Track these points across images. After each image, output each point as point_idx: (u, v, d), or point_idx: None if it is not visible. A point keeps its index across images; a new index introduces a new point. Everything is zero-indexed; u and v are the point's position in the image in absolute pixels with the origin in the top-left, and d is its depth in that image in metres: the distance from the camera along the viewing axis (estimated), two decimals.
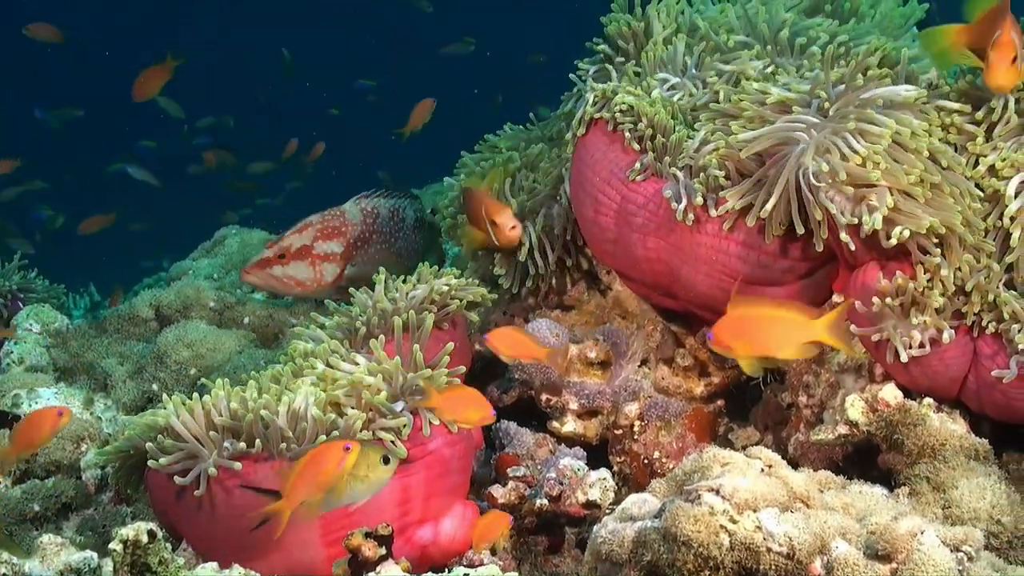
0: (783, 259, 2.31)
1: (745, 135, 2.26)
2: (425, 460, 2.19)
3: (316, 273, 3.26)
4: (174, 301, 3.31)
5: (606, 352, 2.62)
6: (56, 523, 2.50)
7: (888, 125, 2.12)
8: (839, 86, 2.24)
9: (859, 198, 2.11)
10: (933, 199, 2.10)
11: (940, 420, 2.10)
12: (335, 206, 3.32)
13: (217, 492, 2.11)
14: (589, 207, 2.55)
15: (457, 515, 2.26)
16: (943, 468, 2.01)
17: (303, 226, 3.28)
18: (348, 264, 3.26)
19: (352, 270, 3.27)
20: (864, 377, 2.28)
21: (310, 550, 2.14)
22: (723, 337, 2.00)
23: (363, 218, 3.30)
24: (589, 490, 2.32)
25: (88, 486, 2.56)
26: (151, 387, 3.04)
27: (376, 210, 3.32)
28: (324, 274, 3.27)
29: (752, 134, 2.25)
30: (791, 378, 2.44)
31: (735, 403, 2.66)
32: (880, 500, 1.87)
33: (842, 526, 1.67)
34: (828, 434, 2.24)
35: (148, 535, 1.64)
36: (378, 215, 3.32)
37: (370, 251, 3.29)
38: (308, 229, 3.28)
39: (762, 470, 1.74)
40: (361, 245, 3.28)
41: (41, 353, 3.18)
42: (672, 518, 1.66)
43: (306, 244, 3.26)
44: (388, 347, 2.35)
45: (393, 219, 3.33)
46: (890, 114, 2.16)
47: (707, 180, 2.30)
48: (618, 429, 2.55)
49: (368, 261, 3.27)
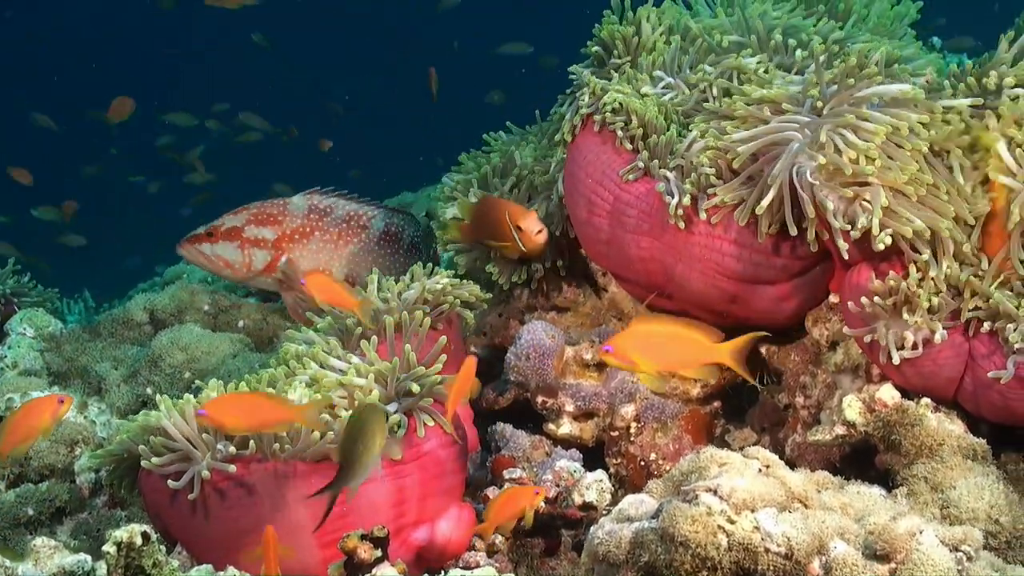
0: (777, 257, 2.31)
1: (738, 134, 2.25)
2: (420, 461, 2.18)
3: (245, 257, 3.24)
4: (168, 305, 3.30)
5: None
6: (50, 527, 2.49)
7: (883, 121, 2.12)
8: (832, 86, 2.23)
9: (852, 197, 2.10)
10: (926, 198, 2.10)
11: (938, 420, 2.10)
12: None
13: (211, 494, 2.10)
14: (582, 208, 2.54)
15: (453, 517, 2.24)
16: (941, 468, 2.01)
17: (241, 208, 3.26)
18: (283, 255, 3.24)
19: (286, 263, 3.24)
20: (861, 378, 2.28)
21: (305, 552, 2.13)
22: (624, 350, 2.06)
23: (307, 212, 3.26)
24: (586, 492, 2.31)
25: (82, 490, 2.55)
26: (145, 391, 3.03)
27: (329, 208, 3.28)
28: (254, 260, 3.25)
29: (746, 134, 2.25)
30: (788, 379, 2.43)
31: (732, 405, 2.65)
32: (878, 500, 1.86)
33: (840, 526, 1.66)
34: (825, 435, 2.23)
35: (142, 537, 1.63)
36: (328, 214, 3.28)
37: (311, 247, 3.25)
38: (243, 212, 3.26)
39: (760, 470, 1.73)
40: (299, 239, 3.24)
41: (35, 357, 3.16)
42: (669, 519, 1.66)
43: (237, 226, 3.25)
44: (382, 348, 2.34)
45: (350, 223, 3.28)
46: (886, 111, 2.16)
47: (699, 180, 2.29)
48: (614, 431, 2.54)
49: (309, 257, 3.24)
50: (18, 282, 3.54)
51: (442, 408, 2.23)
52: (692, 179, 2.31)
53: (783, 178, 2.17)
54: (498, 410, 2.70)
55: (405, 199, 4.63)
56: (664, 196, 2.33)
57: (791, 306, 2.39)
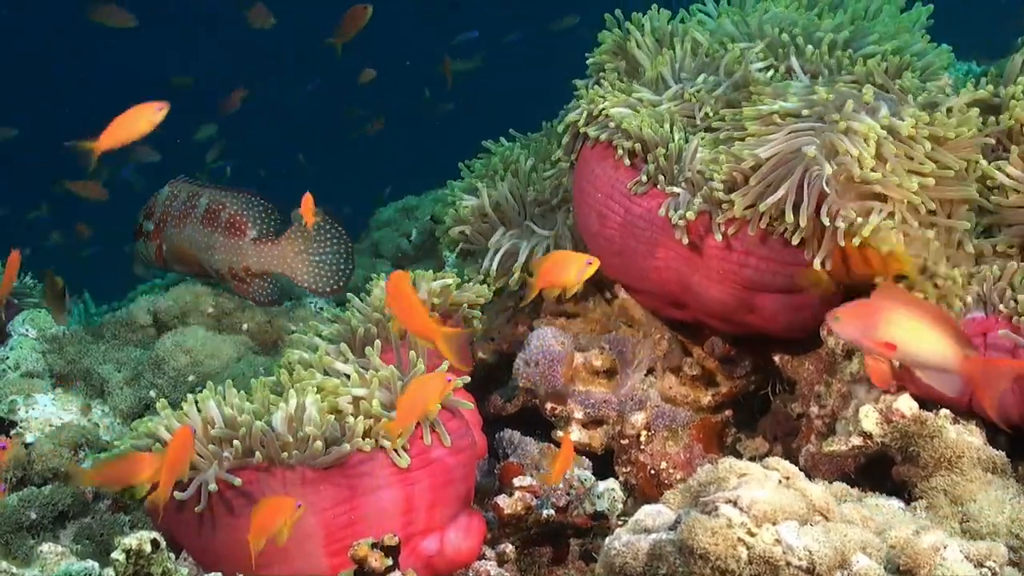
0: (796, 266, 2.29)
1: (750, 146, 2.25)
2: (428, 469, 2.16)
3: (150, 250, 3.31)
4: (172, 307, 3.27)
5: (612, 361, 2.59)
6: (53, 531, 2.45)
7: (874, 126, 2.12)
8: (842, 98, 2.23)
9: (866, 210, 2.10)
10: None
11: (957, 432, 2.07)
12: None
13: (217, 503, 2.07)
14: (593, 220, 2.53)
15: (462, 526, 2.22)
16: (960, 481, 1.98)
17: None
18: (162, 243, 3.29)
19: (166, 251, 3.29)
20: (877, 388, 2.25)
21: (313, 560, 2.10)
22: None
23: (166, 199, 3.30)
24: (597, 501, 2.28)
25: (86, 494, 2.51)
26: (148, 394, 3.00)
27: (177, 195, 3.30)
28: (151, 252, 3.32)
29: (758, 147, 2.24)
30: (802, 388, 2.41)
31: (743, 413, 2.63)
32: (898, 513, 1.84)
33: (863, 540, 1.63)
34: (841, 445, 2.20)
35: (152, 545, 1.61)
36: (176, 199, 3.29)
37: (165, 233, 3.28)
38: (143, 209, 3.33)
39: (780, 482, 1.70)
40: (162, 227, 3.28)
41: (37, 358, 3.13)
42: (688, 530, 1.62)
43: (137, 222, 3.33)
44: (389, 354, 2.32)
45: (188, 205, 3.28)
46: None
47: (710, 194, 2.28)
48: (624, 439, 2.51)
49: (168, 244, 3.28)
50: (20, 282, 3.51)
51: (449, 415, 2.21)
52: (704, 192, 2.29)
53: (794, 182, 2.16)
54: (506, 416, 2.68)
55: (409, 203, 4.62)
56: (670, 212, 2.31)
57: (809, 315, 2.36)
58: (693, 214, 2.29)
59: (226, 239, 3.21)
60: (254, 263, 3.20)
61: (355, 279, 3.77)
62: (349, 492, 2.09)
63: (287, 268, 3.20)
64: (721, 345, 2.60)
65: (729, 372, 2.61)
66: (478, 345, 2.87)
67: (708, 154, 2.34)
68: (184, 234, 3.26)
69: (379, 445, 2.11)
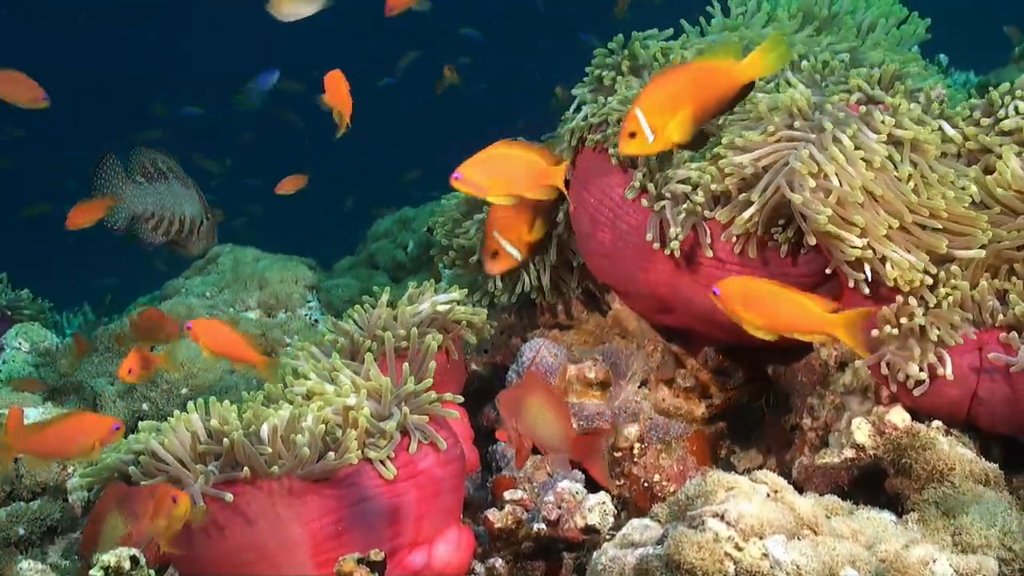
0: (784, 275, 2.27)
1: (738, 158, 2.24)
2: (416, 480, 2.14)
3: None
4: None
5: (605, 372, 2.57)
6: (41, 547, 2.44)
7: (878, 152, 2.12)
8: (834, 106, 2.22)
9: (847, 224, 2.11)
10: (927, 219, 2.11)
11: (949, 444, 2.05)
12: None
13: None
14: (586, 222, 2.53)
15: (452, 540, 2.20)
16: (952, 493, 1.96)
17: None
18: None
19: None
20: (870, 399, 2.23)
21: (300, 571, 2.08)
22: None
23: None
24: (588, 514, 2.26)
25: (75, 509, 2.50)
26: (142, 407, 2.99)
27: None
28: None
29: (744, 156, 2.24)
30: (795, 400, 2.39)
31: (737, 425, 2.61)
32: (889, 527, 1.81)
33: (851, 554, 1.61)
34: (834, 457, 2.19)
35: (131, 561, 1.59)
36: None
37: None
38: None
39: (768, 495, 1.68)
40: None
41: (29, 372, 3.12)
42: (675, 545, 1.61)
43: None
44: (386, 365, 2.31)
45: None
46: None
47: (693, 208, 2.27)
48: (618, 451, 2.50)
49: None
50: (14, 295, 3.50)
51: (437, 425, 2.20)
52: (687, 207, 2.29)
53: (766, 196, 2.18)
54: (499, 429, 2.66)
55: (406, 214, 4.61)
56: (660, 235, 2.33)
57: None
58: (675, 234, 2.30)
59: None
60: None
61: (351, 291, 3.77)
62: (336, 503, 2.07)
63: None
64: (715, 356, 2.59)
65: (723, 384, 2.60)
66: (472, 358, 2.86)
67: (697, 164, 2.33)
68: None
69: (366, 456, 2.10)
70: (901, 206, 2.11)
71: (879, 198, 2.12)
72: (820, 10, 2.63)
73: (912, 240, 2.12)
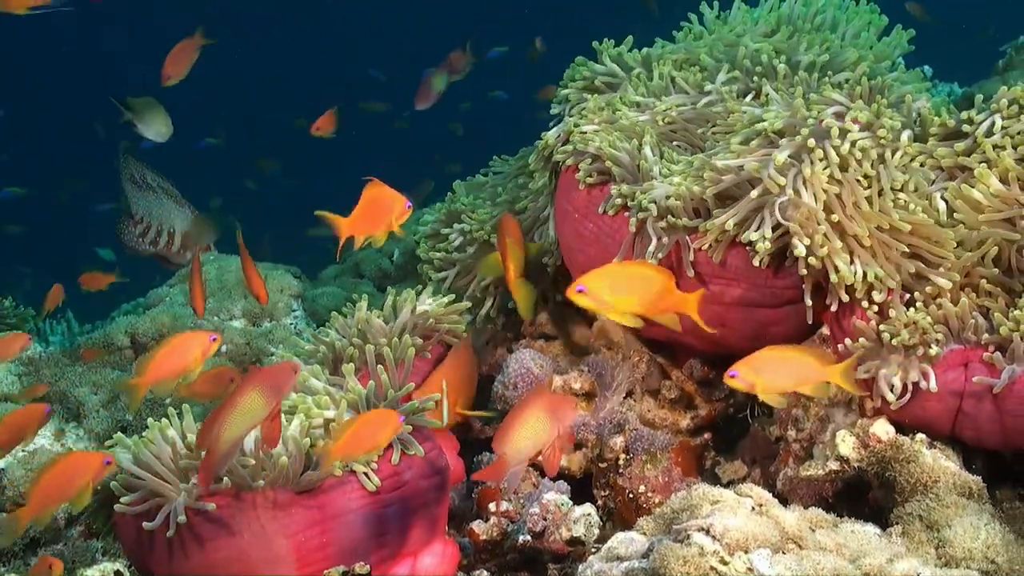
0: (767, 287, 2.29)
1: (724, 162, 2.25)
2: (400, 491, 2.14)
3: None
4: (150, 328, 3.25)
5: (591, 383, 2.57)
6: (24, 558, 2.43)
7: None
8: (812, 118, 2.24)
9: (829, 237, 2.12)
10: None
11: (933, 456, 2.06)
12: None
13: (187, 531, 2.05)
14: (570, 236, 2.53)
15: (436, 552, 2.20)
16: (936, 506, 1.96)
17: None
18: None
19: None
20: (855, 411, 2.24)
21: None
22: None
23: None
24: (573, 526, 2.26)
25: (57, 520, 2.49)
26: (125, 417, 2.98)
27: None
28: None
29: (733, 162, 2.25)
30: (780, 412, 2.39)
31: (722, 436, 2.61)
32: (873, 540, 1.82)
33: (836, 568, 1.61)
34: (818, 470, 2.19)
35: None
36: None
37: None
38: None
39: (753, 509, 1.69)
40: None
41: (12, 381, 3.11)
42: (660, 559, 1.61)
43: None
44: (366, 375, 2.31)
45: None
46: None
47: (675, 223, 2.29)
48: (603, 462, 2.49)
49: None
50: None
51: (421, 436, 2.19)
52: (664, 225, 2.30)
53: (742, 207, 2.21)
54: (484, 440, 2.66)
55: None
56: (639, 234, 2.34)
57: (779, 331, 2.36)
58: (661, 255, 2.31)
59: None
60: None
61: (337, 300, 3.76)
62: (320, 515, 2.07)
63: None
64: (700, 368, 2.59)
65: (708, 395, 2.60)
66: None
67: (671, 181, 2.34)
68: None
69: (350, 468, 2.09)
70: (865, 224, 2.13)
71: (849, 213, 2.14)
72: (803, 23, 2.64)
73: (884, 252, 2.14)
